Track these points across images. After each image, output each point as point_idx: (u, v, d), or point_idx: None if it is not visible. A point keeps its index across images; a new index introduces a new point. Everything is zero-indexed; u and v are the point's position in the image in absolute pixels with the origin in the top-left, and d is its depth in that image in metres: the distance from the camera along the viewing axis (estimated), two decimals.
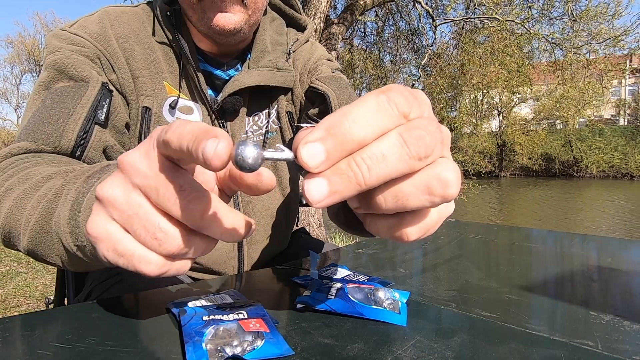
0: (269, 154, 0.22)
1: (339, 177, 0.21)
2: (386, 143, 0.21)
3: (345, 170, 0.21)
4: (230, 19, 0.59)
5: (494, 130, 23.78)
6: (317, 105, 0.69)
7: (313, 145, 0.21)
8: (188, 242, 0.26)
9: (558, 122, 22.56)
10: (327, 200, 0.22)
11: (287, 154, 0.22)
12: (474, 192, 7.00)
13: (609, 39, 5.49)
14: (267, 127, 0.72)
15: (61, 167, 0.43)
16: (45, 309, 0.62)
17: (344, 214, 0.52)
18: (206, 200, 0.25)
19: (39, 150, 0.50)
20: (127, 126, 0.62)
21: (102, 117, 0.55)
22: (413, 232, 0.26)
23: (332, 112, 0.65)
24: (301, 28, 0.79)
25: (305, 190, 0.21)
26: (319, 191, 0.21)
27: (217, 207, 0.26)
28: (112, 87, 0.59)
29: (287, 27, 0.77)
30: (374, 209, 0.24)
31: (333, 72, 0.74)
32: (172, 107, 0.64)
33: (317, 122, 0.68)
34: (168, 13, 0.64)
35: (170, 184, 0.25)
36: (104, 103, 0.56)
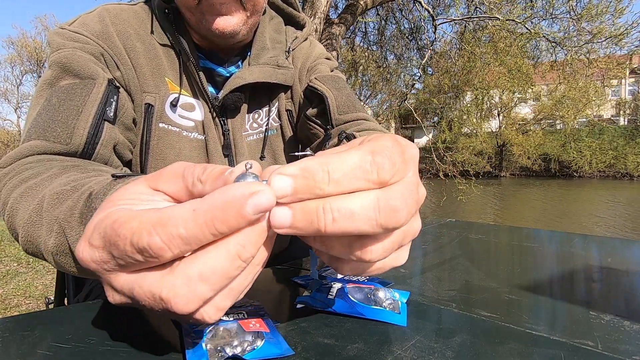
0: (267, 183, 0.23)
1: (303, 216, 0.22)
2: (360, 203, 0.22)
3: (310, 212, 0.22)
4: (228, 21, 0.59)
5: (493, 131, 23.78)
6: (315, 105, 0.69)
7: (284, 178, 0.22)
8: (196, 282, 0.22)
9: (558, 122, 22.56)
10: (286, 231, 0.22)
11: None
12: (475, 192, 7.00)
13: (610, 37, 5.50)
14: (267, 124, 0.72)
15: (65, 177, 0.42)
16: (45, 309, 0.62)
17: None
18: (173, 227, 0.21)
19: (50, 148, 0.50)
20: (134, 122, 0.63)
21: (111, 114, 0.55)
22: (346, 269, 0.27)
23: (330, 113, 0.66)
24: (299, 26, 0.79)
25: (271, 214, 0.22)
26: (282, 220, 0.22)
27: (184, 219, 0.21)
28: (117, 84, 0.59)
29: (285, 25, 0.77)
30: (304, 239, 0.26)
31: (332, 71, 0.74)
32: (174, 104, 0.64)
33: (317, 123, 0.69)
34: (166, 11, 0.64)
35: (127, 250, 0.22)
36: (111, 100, 0.56)
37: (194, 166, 0.25)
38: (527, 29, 5.56)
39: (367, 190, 0.22)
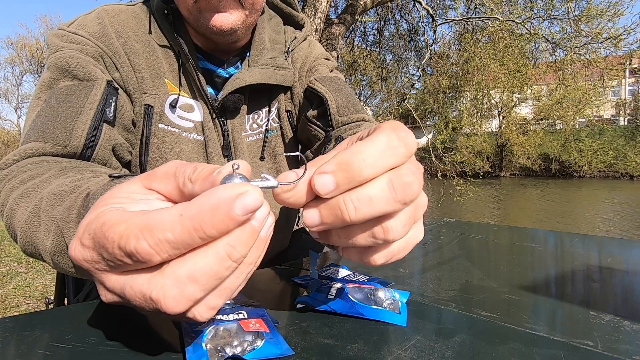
0: (255, 183, 0.23)
1: (328, 212, 0.25)
2: (376, 188, 0.24)
3: (334, 207, 0.24)
4: (227, 18, 0.59)
5: (493, 130, 23.78)
6: (315, 106, 0.69)
7: (326, 176, 0.24)
8: (186, 281, 0.22)
9: (558, 122, 22.56)
10: (319, 227, 0.26)
11: (273, 182, 0.24)
12: (470, 194, 7.03)
13: (610, 38, 5.50)
14: (267, 125, 0.72)
15: (64, 178, 0.42)
16: (45, 309, 0.62)
17: None
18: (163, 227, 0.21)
19: (49, 150, 0.50)
20: (134, 123, 0.63)
21: (110, 115, 0.55)
22: (379, 258, 0.28)
23: (330, 115, 0.66)
24: (298, 26, 0.78)
25: (303, 216, 0.26)
26: (312, 219, 0.25)
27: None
28: (116, 85, 0.59)
29: (284, 25, 0.77)
30: (331, 242, 0.28)
31: (331, 72, 0.74)
32: (173, 105, 0.64)
33: (317, 125, 0.68)
34: (165, 12, 0.64)
35: (118, 252, 0.22)
36: (110, 101, 0.56)
37: (186, 166, 0.25)
38: (526, 29, 5.56)
39: (379, 177, 0.24)
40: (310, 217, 0.25)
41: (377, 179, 0.24)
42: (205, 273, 0.21)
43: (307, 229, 0.25)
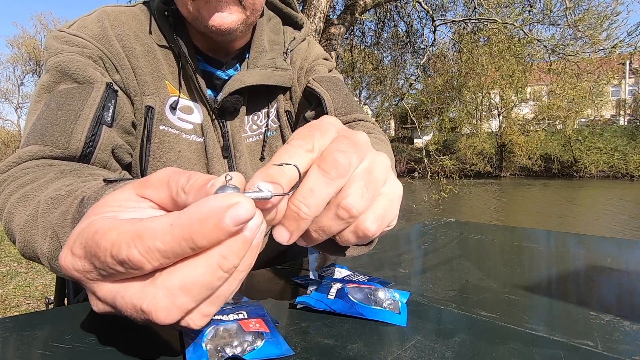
0: (249, 194, 0.23)
1: (289, 221, 0.26)
2: (312, 178, 0.26)
3: (290, 214, 0.26)
4: (226, 18, 0.59)
5: (493, 131, 23.79)
6: (313, 107, 0.69)
7: (281, 229, 0.27)
8: (178, 292, 0.22)
9: (558, 122, 22.57)
10: (292, 239, 0.27)
11: (266, 193, 0.24)
12: (446, 194, 7.14)
13: (604, 49, 5.53)
14: (266, 126, 0.72)
15: (61, 182, 0.42)
16: (45, 309, 0.62)
17: None
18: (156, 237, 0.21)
19: (48, 153, 0.50)
20: (134, 125, 0.63)
21: (109, 118, 0.55)
22: (349, 236, 0.30)
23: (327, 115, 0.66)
24: (298, 26, 0.78)
25: (275, 237, 0.27)
26: (283, 237, 0.27)
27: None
28: (116, 87, 0.59)
29: (283, 25, 0.77)
30: (315, 242, 0.29)
31: (330, 72, 0.74)
32: (173, 107, 0.64)
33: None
34: (166, 13, 0.64)
35: (109, 260, 0.22)
36: (109, 104, 0.56)
37: (179, 175, 0.24)
38: (524, 32, 5.56)
39: (310, 168, 0.27)
40: (280, 235, 0.26)
41: (308, 172, 0.26)
42: (197, 284, 0.21)
43: (284, 244, 0.27)
